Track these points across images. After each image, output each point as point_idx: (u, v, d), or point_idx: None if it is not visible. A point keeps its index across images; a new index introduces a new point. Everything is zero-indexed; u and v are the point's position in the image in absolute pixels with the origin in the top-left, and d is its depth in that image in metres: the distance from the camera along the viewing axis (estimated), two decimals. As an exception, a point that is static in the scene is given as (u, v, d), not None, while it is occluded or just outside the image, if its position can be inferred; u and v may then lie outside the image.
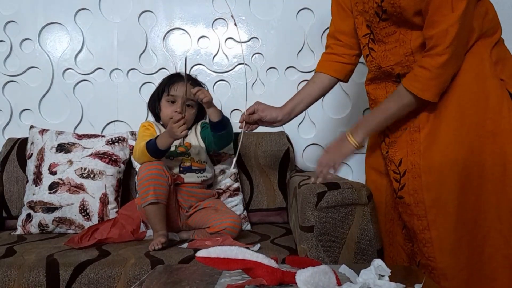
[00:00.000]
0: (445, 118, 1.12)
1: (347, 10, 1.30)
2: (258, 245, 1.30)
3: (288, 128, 1.87)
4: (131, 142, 1.70)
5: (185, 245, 1.32)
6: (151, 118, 1.70)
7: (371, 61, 1.25)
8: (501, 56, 1.14)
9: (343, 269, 0.87)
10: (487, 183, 1.10)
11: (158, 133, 1.53)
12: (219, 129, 1.48)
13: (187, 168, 1.52)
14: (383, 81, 1.25)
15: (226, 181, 1.66)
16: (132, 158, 1.67)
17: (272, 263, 0.82)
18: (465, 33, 1.07)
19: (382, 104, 1.19)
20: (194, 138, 1.59)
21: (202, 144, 1.59)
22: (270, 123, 1.37)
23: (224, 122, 1.48)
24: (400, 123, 1.20)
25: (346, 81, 1.40)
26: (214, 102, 1.43)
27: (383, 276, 0.83)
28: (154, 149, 1.42)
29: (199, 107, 1.57)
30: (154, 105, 1.61)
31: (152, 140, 1.44)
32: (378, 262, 0.85)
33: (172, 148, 1.51)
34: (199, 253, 0.79)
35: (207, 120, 1.54)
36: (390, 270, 0.83)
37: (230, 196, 1.64)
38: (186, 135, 1.47)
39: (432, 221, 1.12)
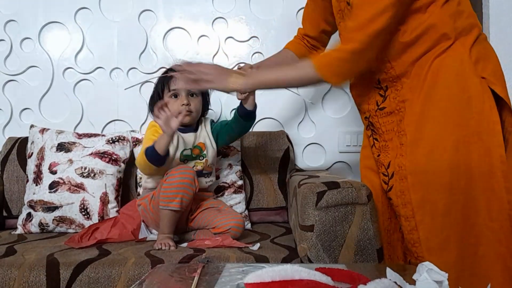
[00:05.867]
0: (428, 121, 1.13)
1: (318, 17, 1.40)
2: (258, 245, 1.30)
3: (288, 128, 1.87)
4: (135, 135, 1.70)
5: (185, 244, 1.33)
6: (151, 118, 1.69)
7: None
8: (482, 54, 1.13)
9: (390, 274, 0.73)
10: (475, 182, 1.10)
11: None
12: (250, 118, 1.47)
13: (199, 172, 1.50)
14: (366, 89, 1.26)
15: (231, 177, 1.66)
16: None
17: (328, 280, 0.74)
18: (383, 35, 1.09)
19: (283, 67, 1.22)
20: (206, 137, 1.55)
21: (214, 143, 1.56)
22: None
23: (255, 112, 1.46)
24: (387, 126, 1.22)
25: None
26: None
27: (438, 281, 0.69)
28: (153, 155, 1.36)
29: (202, 96, 1.55)
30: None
31: (150, 146, 1.37)
32: (428, 265, 0.69)
33: (188, 152, 1.50)
34: (249, 280, 0.69)
35: (206, 115, 1.53)
36: (447, 274, 0.70)
37: (235, 192, 1.64)
38: (177, 128, 1.37)
39: (419, 221, 1.13)
